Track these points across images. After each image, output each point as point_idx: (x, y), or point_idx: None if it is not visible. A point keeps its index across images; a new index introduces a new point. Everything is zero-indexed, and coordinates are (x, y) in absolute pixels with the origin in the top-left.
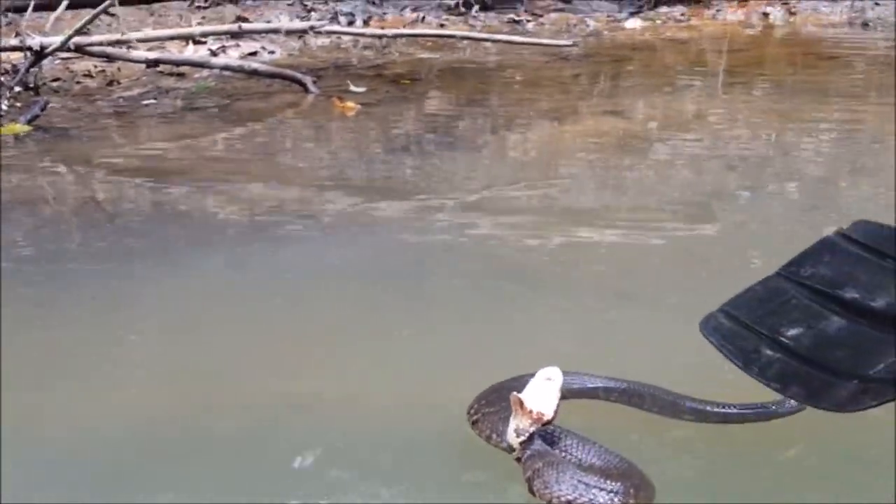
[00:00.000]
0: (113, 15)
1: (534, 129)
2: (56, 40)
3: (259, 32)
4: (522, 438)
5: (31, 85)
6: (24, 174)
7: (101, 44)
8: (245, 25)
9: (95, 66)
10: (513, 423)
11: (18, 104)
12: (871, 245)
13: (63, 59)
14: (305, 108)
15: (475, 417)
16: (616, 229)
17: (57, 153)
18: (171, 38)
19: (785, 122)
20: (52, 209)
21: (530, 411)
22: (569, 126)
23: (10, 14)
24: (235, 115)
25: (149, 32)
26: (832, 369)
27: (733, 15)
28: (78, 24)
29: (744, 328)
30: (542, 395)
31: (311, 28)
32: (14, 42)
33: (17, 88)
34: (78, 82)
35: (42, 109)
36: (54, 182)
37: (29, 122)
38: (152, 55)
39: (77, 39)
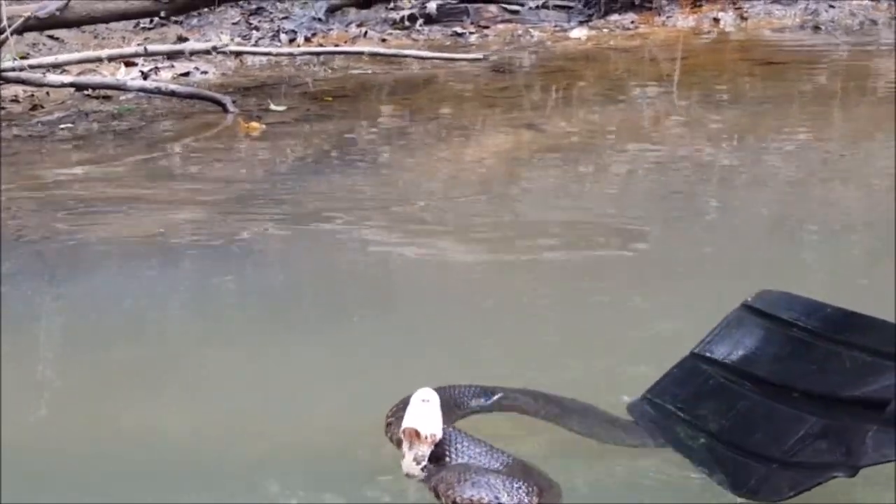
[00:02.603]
0: (56, 38)
1: (440, 144)
2: None
3: (163, 54)
4: (423, 464)
5: None
6: None
7: (13, 69)
8: (150, 47)
9: (25, 91)
10: (409, 455)
11: None
12: (777, 315)
13: None
14: (217, 129)
15: (390, 420)
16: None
17: None
18: (80, 61)
19: (726, 132)
20: None
21: (426, 437)
22: (479, 140)
23: None
24: (146, 137)
25: (59, 57)
26: (752, 453)
27: (684, 21)
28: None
29: (667, 414)
30: (426, 417)
31: (214, 48)
32: None
33: None
34: (2, 108)
35: None
36: None
37: None
38: (68, 79)
39: None
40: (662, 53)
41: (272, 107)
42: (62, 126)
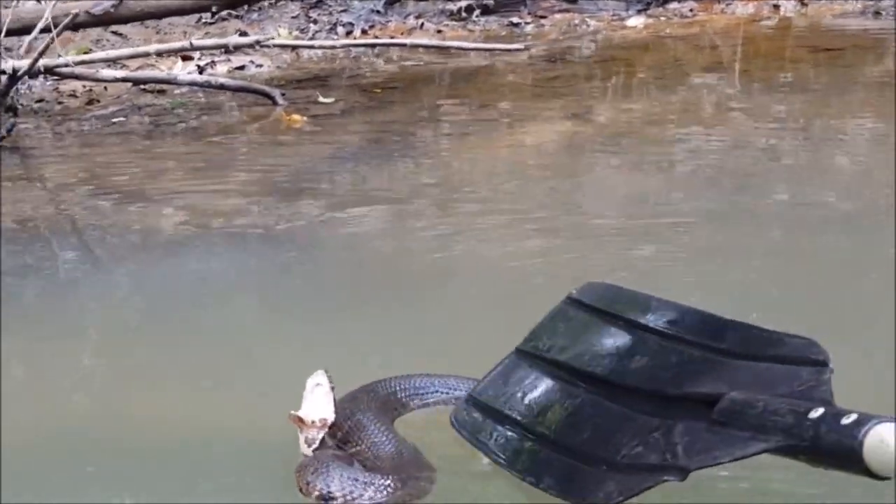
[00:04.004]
0: (119, 34)
1: (484, 134)
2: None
3: (208, 48)
4: (315, 446)
5: (9, 106)
6: None
7: (67, 65)
8: (196, 42)
9: (84, 87)
10: (301, 437)
11: None
12: (601, 308)
13: (55, 80)
14: (264, 122)
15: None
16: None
17: (12, 171)
18: (130, 56)
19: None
20: None
21: (312, 422)
22: (522, 131)
23: None
24: (193, 130)
25: (110, 52)
26: (580, 454)
27: (744, 8)
28: (75, 46)
29: (492, 416)
30: (317, 401)
31: (258, 42)
32: None
33: None
34: (60, 102)
35: (8, 131)
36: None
37: None
38: (120, 74)
39: (46, 61)
40: (721, 40)
41: (321, 99)
42: (114, 120)
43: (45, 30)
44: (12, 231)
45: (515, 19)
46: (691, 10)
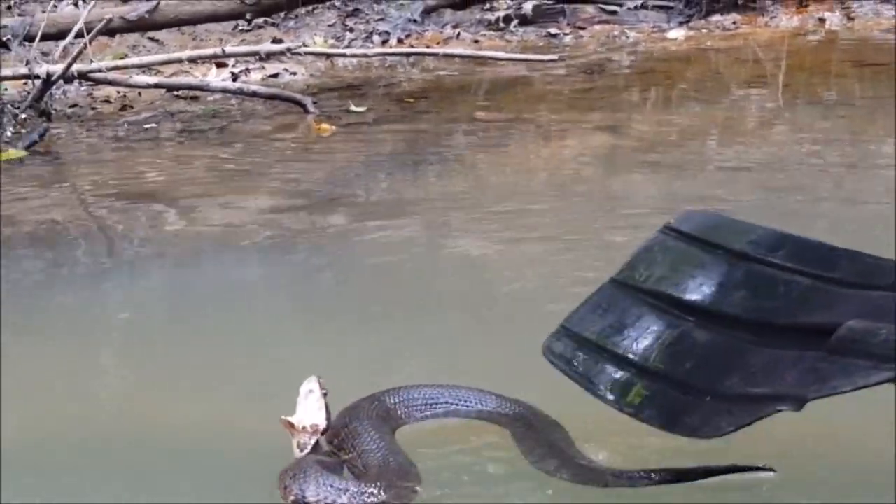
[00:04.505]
0: (156, 40)
1: (516, 146)
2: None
3: (240, 55)
4: (307, 451)
5: (43, 111)
6: (6, 197)
7: (100, 70)
8: (228, 49)
9: (118, 92)
10: (293, 442)
11: (24, 130)
12: (702, 237)
13: (89, 85)
14: (294, 130)
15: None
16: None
17: (44, 176)
18: (163, 62)
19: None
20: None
21: (304, 427)
22: (559, 142)
23: (25, 43)
24: (223, 137)
25: (143, 58)
26: (685, 386)
27: (788, 21)
28: (110, 52)
29: (588, 347)
30: (309, 408)
31: (289, 49)
32: (23, 70)
33: (23, 115)
34: (93, 108)
35: (41, 136)
36: (29, 203)
37: (27, 148)
38: (153, 80)
39: (80, 67)
40: (764, 54)
41: (352, 107)
42: (147, 126)
43: (80, 34)
44: (43, 233)
45: (554, 30)
46: (734, 23)
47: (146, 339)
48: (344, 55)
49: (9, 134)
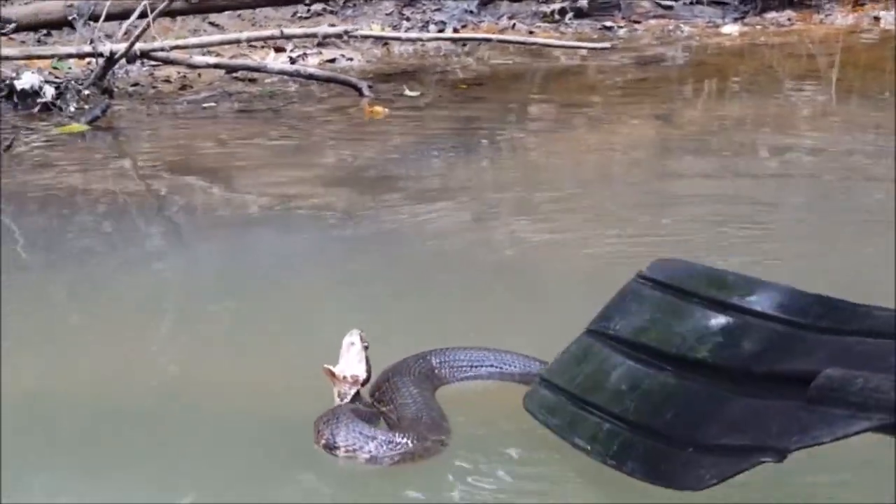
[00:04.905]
0: (216, 25)
1: (567, 134)
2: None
3: (298, 37)
4: (346, 401)
5: (105, 88)
6: (69, 167)
7: (162, 49)
8: (286, 31)
9: (178, 73)
10: (334, 391)
11: (87, 106)
12: (676, 285)
13: (151, 65)
14: (349, 112)
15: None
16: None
17: (105, 149)
18: (221, 43)
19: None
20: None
21: (344, 377)
22: (609, 130)
23: (90, 23)
24: (278, 117)
25: (203, 38)
26: (665, 437)
27: (843, 19)
28: (174, 32)
29: (567, 398)
30: (350, 359)
31: (346, 32)
32: (87, 49)
33: (86, 92)
34: (154, 87)
35: (103, 112)
36: (90, 174)
37: (89, 123)
38: (212, 61)
39: (142, 45)
40: (817, 50)
41: (406, 92)
42: (205, 105)
43: (143, 15)
44: (102, 205)
45: (609, 23)
46: (789, 20)
47: (202, 305)
48: (399, 39)
49: (72, 109)
